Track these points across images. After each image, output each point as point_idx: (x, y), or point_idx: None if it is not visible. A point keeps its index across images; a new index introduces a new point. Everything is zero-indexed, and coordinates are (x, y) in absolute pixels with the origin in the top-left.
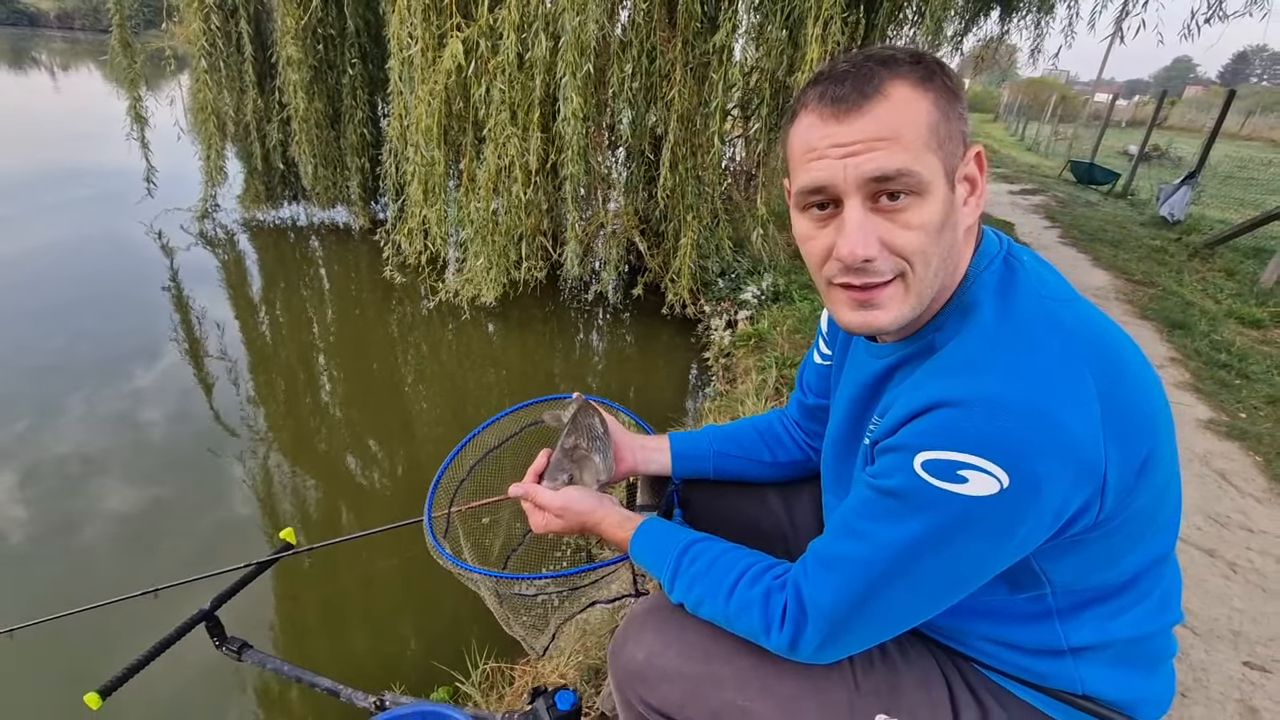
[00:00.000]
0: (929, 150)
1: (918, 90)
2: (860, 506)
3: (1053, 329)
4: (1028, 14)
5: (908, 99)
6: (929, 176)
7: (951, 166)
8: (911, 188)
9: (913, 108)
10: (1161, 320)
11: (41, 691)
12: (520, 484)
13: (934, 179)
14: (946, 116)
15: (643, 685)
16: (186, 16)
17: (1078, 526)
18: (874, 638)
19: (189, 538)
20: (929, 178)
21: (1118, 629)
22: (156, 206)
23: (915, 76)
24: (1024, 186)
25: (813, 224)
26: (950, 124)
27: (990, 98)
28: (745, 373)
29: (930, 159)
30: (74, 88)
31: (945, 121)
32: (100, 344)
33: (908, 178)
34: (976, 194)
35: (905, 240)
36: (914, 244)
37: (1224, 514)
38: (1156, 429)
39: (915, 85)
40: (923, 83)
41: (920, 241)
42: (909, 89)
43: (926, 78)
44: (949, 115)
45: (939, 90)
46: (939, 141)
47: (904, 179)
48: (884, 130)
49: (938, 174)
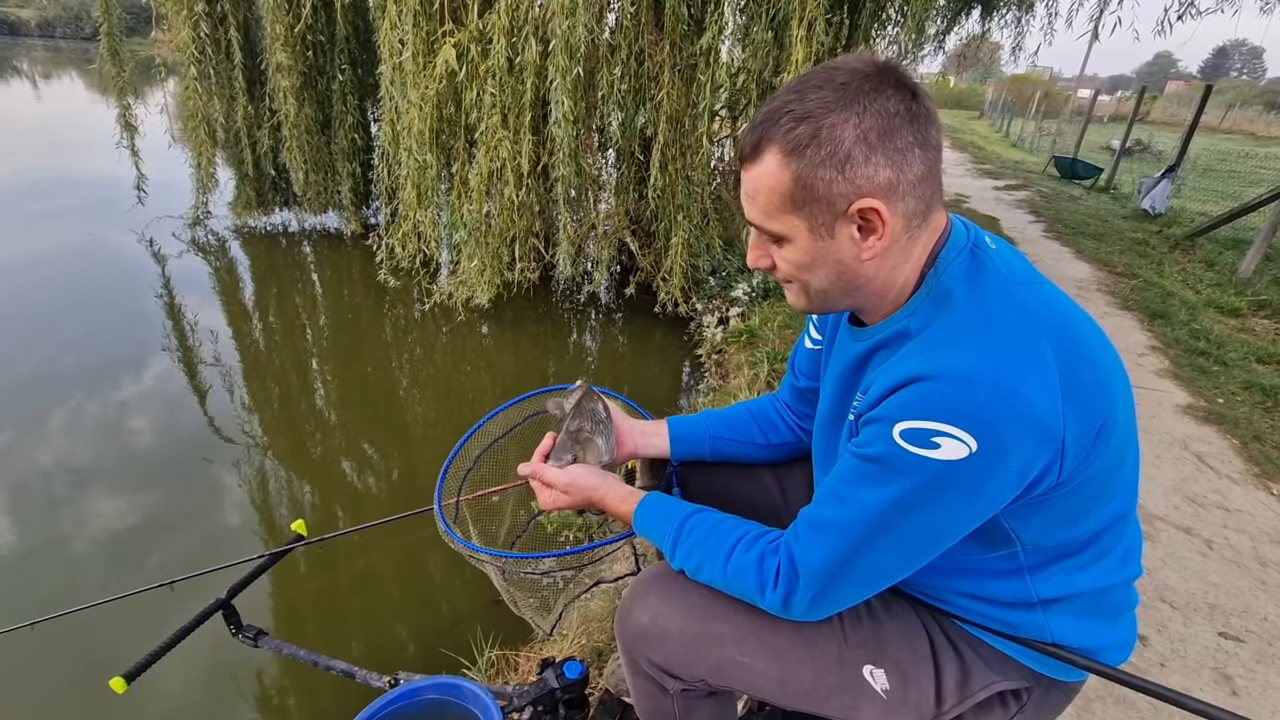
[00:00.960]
0: (784, 212)
1: (782, 164)
2: (846, 474)
3: (1017, 310)
4: (1008, 12)
5: (769, 170)
6: (785, 231)
7: (821, 221)
8: (770, 236)
9: (769, 178)
10: (1142, 310)
11: (67, 680)
12: (528, 464)
13: (792, 232)
14: (808, 185)
15: (648, 645)
16: (175, 24)
17: (1041, 487)
18: (861, 594)
19: (186, 542)
20: (785, 232)
21: (1083, 582)
22: (148, 214)
23: (782, 148)
24: (1009, 182)
25: None
26: (814, 189)
27: (975, 95)
28: (738, 368)
29: (786, 218)
30: (56, 96)
31: (805, 190)
32: (91, 353)
33: (763, 229)
34: (877, 234)
35: (780, 265)
36: (785, 269)
37: (1202, 494)
38: (1112, 398)
39: (781, 158)
40: (787, 155)
41: (789, 270)
42: (774, 161)
43: (795, 150)
44: (812, 183)
45: (805, 163)
46: (795, 205)
47: (763, 229)
48: (750, 190)
49: (796, 229)
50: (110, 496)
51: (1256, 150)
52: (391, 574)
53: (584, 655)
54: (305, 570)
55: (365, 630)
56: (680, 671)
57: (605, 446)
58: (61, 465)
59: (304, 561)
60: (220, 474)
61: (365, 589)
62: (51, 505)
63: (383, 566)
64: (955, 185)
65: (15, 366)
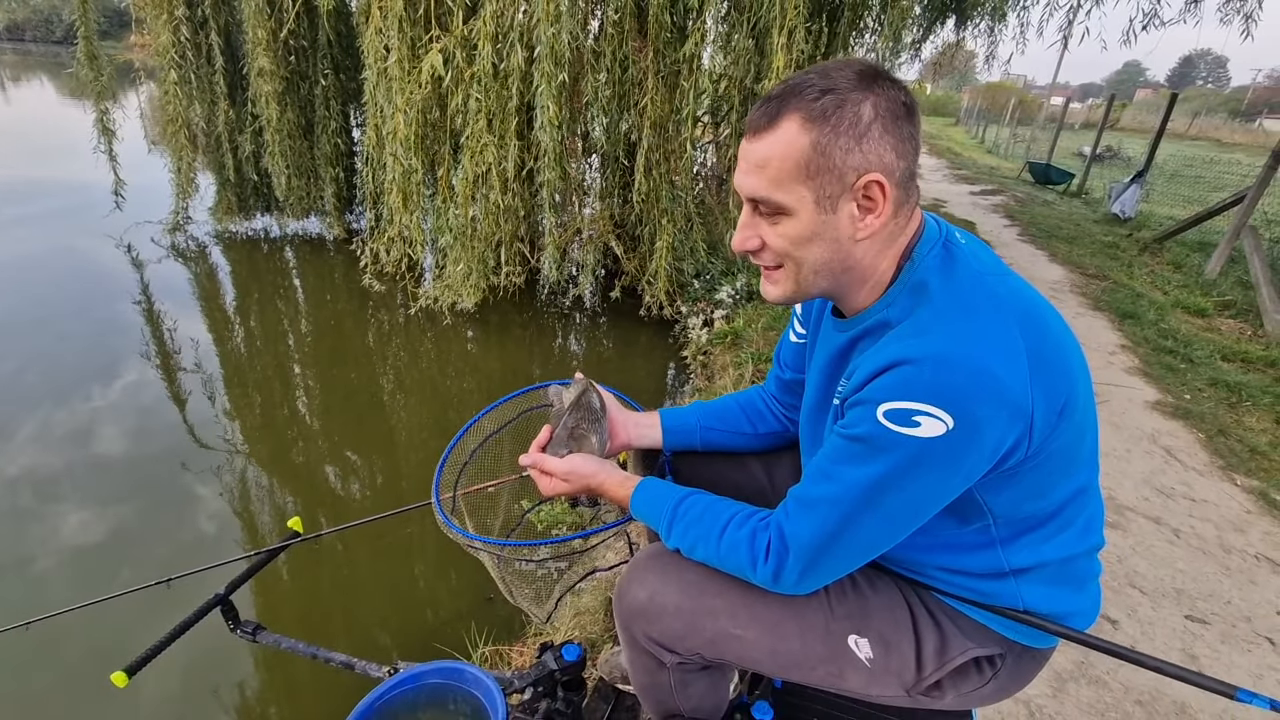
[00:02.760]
0: (795, 181)
1: (802, 129)
2: (832, 454)
3: (988, 298)
4: (981, 21)
5: (788, 135)
6: (792, 203)
7: (828, 194)
8: (775, 209)
9: (788, 144)
10: (1113, 311)
11: (72, 675)
12: (527, 455)
13: (798, 205)
14: (825, 153)
15: (645, 621)
16: (155, 28)
17: (1011, 461)
18: (847, 566)
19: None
20: (792, 204)
21: (1050, 551)
22: (125, 220)
23: (805, 115)
24: (984, 187)
25: (744, 216)
26: (830, 159)
27: (951, 102)
28: (723, 368)
29: (796, 189)
30: (27, 100)
31: (822, 157)
32: (67, 361)
33: (769, 203)
34: (875, 212)
35: (774, 243)
36: (779, 247)
37: (1169, 486)
38: (1074, 379)
39: (803, 123)
40: (811, 121)
41: (784, 247)
42: (795, 127)
43: (819, 116)
44: (830, 152)
45: (829, 130)
46: (809, 174)
47: (766, 201)
48: (762, 159)
49: (804, 201)
50: (86, 507)
51: (1221, 156)
52: (384, 572)
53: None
54: (300, 569)
55: (358, 628)
56: (676, 645)
57: (598, 442)
58: (38, 473)
59: (298, 561)
60: (204, 482)
61: (358, 588)
62: (38, 513)
63: (375, 565)
64: (933, 190)
65: None
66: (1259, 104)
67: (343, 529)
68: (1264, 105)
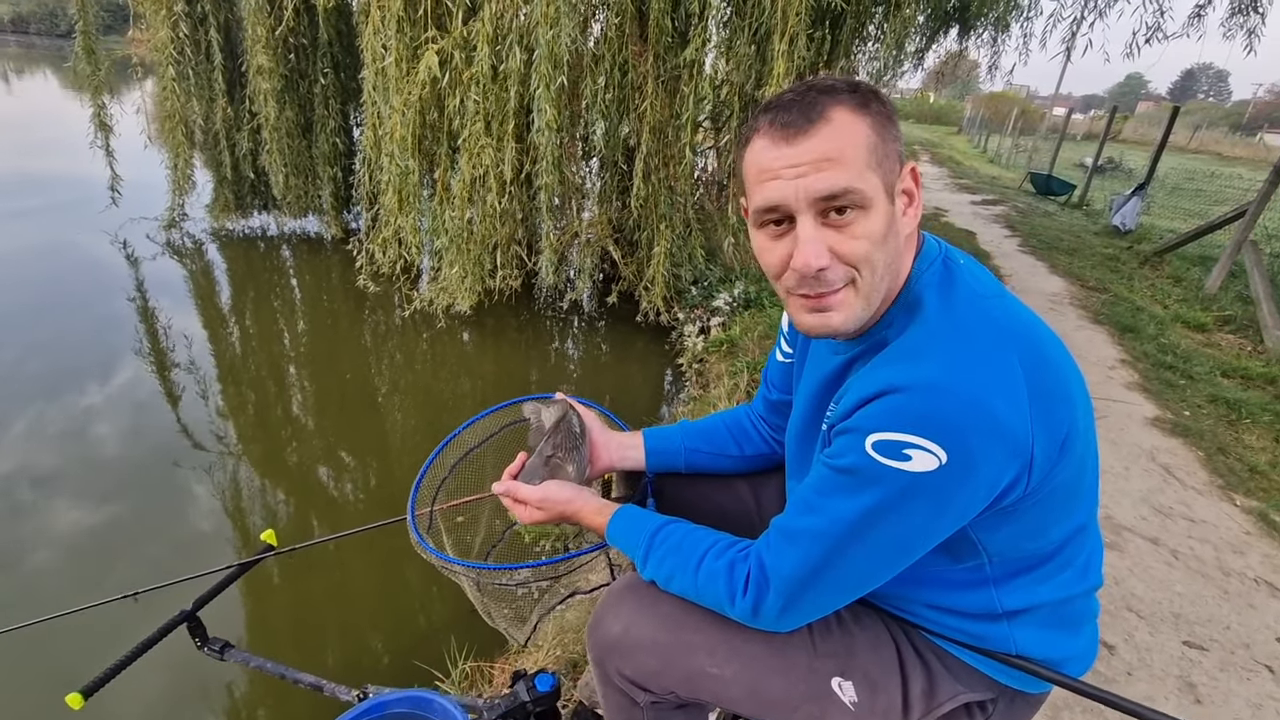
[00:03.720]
0: (869, 169)
1: (856, 114)
2: (818, 484)
3: (986, 322)
4: (984, 31)
5: (848, 123)
6: (871, 192)
7: (890, 182)
8: (856, 203)
9: (853, 130)
10: (1113, 324)
11: (21, 696)
12: (501, 482)
13: (875, 194)
14: (883, 138)
15: (620, 657)
16: (154, 24)
17: (1009, 498)
18: (830, 604)
19: (155, 551)
20: (871, 193)
21: (1046, 593)
22: (121, 216)
23: (853, 102)
24: (985, 197)
25: (770, 239)
26: (886, 145)
27: (953, 111)
28: (718, 377)
29: (870, 176)
30: (29, 93)
31: (882, 143)
32: (57, 357)
33: (852, 194)
34: (914, 205)
35: (853, 249)
36: (861, 252)
37: (1167, 505)
38: (1075, 409)
39: (853, 110)
40: (860, 108)
41: (866, 250)
42: (848, 113)
43: (863, 104)
44: (885, 137)
45: (875, 115)
46: (877, 160)
47: (849, 195)
48: (829, 151)
49: (878, 189)
50: (73, 505)
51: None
52: (365, 585)
53: (559, 666)
54: (278, 581)
55: (338, 642)
56: (651, 683)
57: (575, 471)
58: (22, 472)
59: (277, 572)
60: (191, 481)
61: (338, 600)
62: (10, 513)
63: (356, 577)
64: (934, 199)
65: None
66: (1260, 118)
67: (314, 544)
68: (1265, 119)
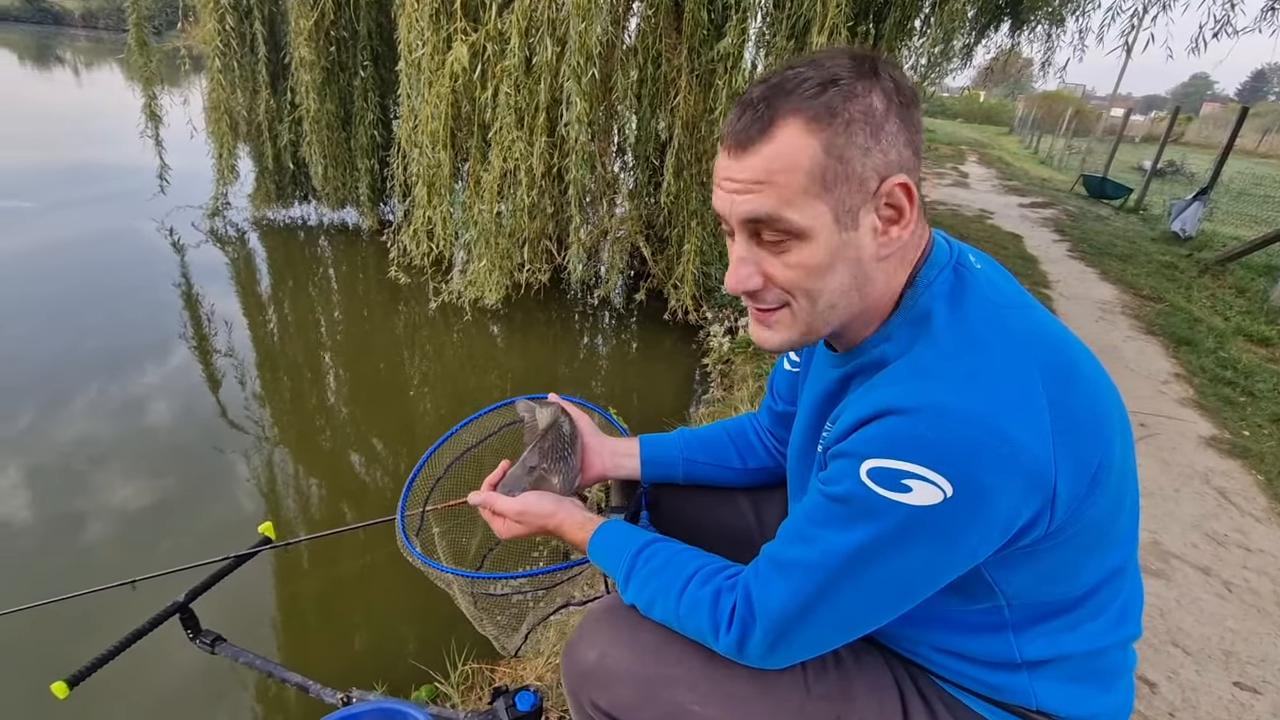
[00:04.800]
0: (809, 196)
1: (806, 132)
2: (811, 511)
3: (1002, 336)
4: (1038, 26)
5: (792, 143)
6: (806, 222)
7: (848, 206)
8: (784, 232)
9: (794, 153)
10: (1168, 336)
11: (9, 681)
12: (478, 493)
13: (814, 223)
14: (841, 157)
15: (594, 686)
16: (202, 17)
17: (1028, 538)
18: (823, 644)
19: (184, 530)
20: (806, 223)
21: (1073, 643)
22: (168, 203)
23: (809, 115)
24: (1035, 199)
25: (730, 245)
26: (848, 164)
27: (1004, 111)
28: (742, 379)
29: (810, 204)
30: (96, 85)
31: (838, 163)
32: (108, 339)
33: (779, 224)
34: (902, 223)
35: (783, 277)
36: (791, 281)
37: (1222, 532)
38: (1110, 438)
39: (806, 125)
40: (815, 122)
41: (797, 279)
42: (797, 131)
43: (825, 114)
44: (846, 155)
45: (838, 128)
46: (824, 185)
47: (776, 224)
48: (760, 174)
49: (821, 218)
50: (106, 485)
51: None
52: (368, 580)
53: (557, 676)
54: (280, 574)
55: (338, 639)
56: (626, 717)
57: (562, 482)
58: (64, 447)
59: (279, 565)
60: (224, 464)
61: (340, 595)
62: (48, 488)
63: (360, 572)
64: (980, 201)
65: (28, 353)
66: None
67: (312, 539)
68: None
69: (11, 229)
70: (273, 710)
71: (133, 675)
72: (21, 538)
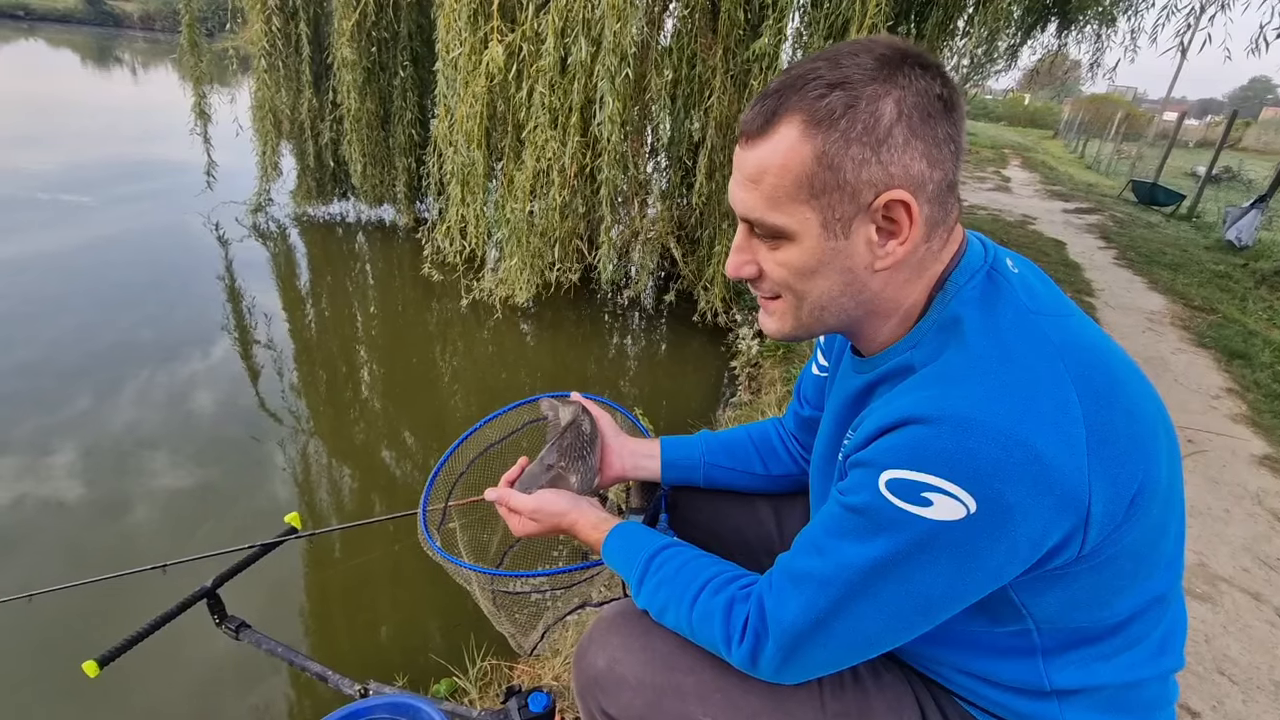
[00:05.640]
0: (795, 201)
1: (804, 136)
2: (828, 522)
3: (1036, 345)
4: (1087, 26)
5: (786, 145)
6: (792, 226)
7: (839, 215)
8: (769, 233)
9: (785, 156)
10: (1220, 349)
11: (44, 659)
12: (495, 489)
13: (799, 228)
14: (834, 166)
15: (603, 693)
16: (251, 18)
17: (1059, 560)
18: (838, 661)
19: (216, 516)
20: (792, 227)
21: (1108, 673)
22: (214, 199)
23: (809, 117)
24: (1080, 205)
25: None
26: (841, 174)
27: (1050, 114)
28: (770, 384)
29: (797, 209)
30: (151, 84)
31: (830, 171)
32: (158, 329)
33: (762, 224)
34: (900, 238)
35: (772, 272)
36: (779, 278)
37: (1274, 557)
38: (1153, 459)
39: (804, 128)
40: (814, 126)
41: (784, 277)
42: (795, 134)
43: (824, 120)
44: (840, 164)
45: (836, 136)
46: (813, 192)
47: (760, 224)
48: (754, 172)
49: (806, 223)
50: (151, 469)
51: None
52: (393, 573)
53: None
54: (307, 563)
55: (361, 629)
56: None
57: (580, 481)
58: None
59: (307, 554)
60: (260, 452)
61: (365, 586)
62: (96, 470)
63: (385, 564)
64: (1022, 206)
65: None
66: None
67: (336, 529)
68: None
69: (74, 223)
70: (292, 698)
71: (160, 658)
72: (71, 516)
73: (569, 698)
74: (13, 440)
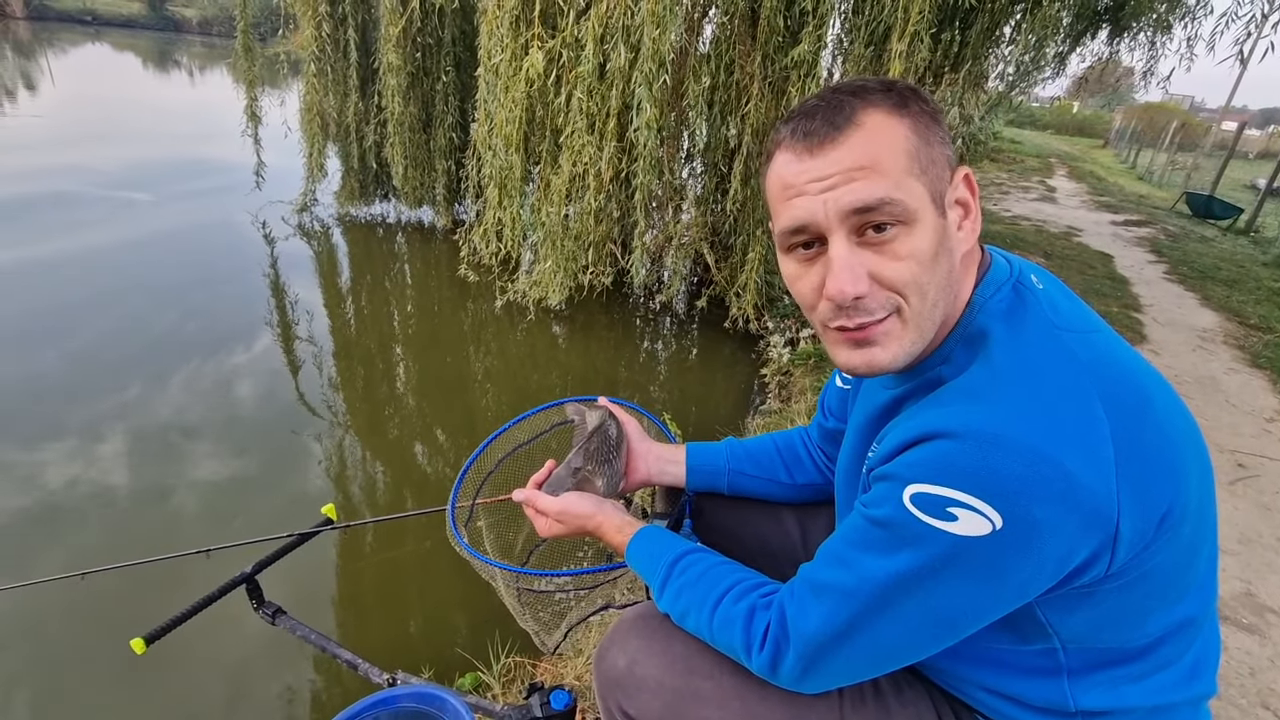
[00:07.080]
0: (911, 176)
1: (892, 116)
2: (851, 534)
3: (1063, 361)
4: (1140, 33)
5: (882, 125)
6: (914, 203)
7: (939, 191)
8: (897, 216)
9: (889, 134)
10: (1277, 370)
11: (93, 634)
12: (522, 490)
13: (920, 206)
14: (927, 141)
15: (622, 694)
16: (302, 24)
17: (1086, 578)
18: (859, 673)
19: (257, 504)
20: (914, 205)
21: (1136, 696)
22: (262, 198)
23: (888, 103)
24: (1129, 217)
25: (799, 264)
26: (932, 148)
27: (1099, 122)
28: (800, 392)
29: (914, 185)
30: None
31: (926, 146)
32: (205, 322)
33: (891, 206)
34: (970, 218)
35: (896, 272)
36: (906, 275)
37: None
38: (1184, 480)
39: (889, 112)
40: (897, 109)
41: (912, 272)
42: (883, 116)
43: (900, 104)
44: (929, 140)
45: (915, 115)
46: (921, 167)
47: (887, 208)
48: (861, 159)
49: (924, 200)
50: (194, 458)
51: None
52: (424, 566)
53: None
54: (343, 553)
55: (391, 620)
56: None
57: (605, 485)
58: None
59: (342, 544)
60: (298, 444)
61: (396, 578)
62: (141, 457)
63: (416, 558)
64: (1068, 217)
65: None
66: None
67: (369, 522)
68: None
69: (132, 219)
70: (321, 684)
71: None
72: (121, 501)
73: (590, 697)
74: (68, 425)
